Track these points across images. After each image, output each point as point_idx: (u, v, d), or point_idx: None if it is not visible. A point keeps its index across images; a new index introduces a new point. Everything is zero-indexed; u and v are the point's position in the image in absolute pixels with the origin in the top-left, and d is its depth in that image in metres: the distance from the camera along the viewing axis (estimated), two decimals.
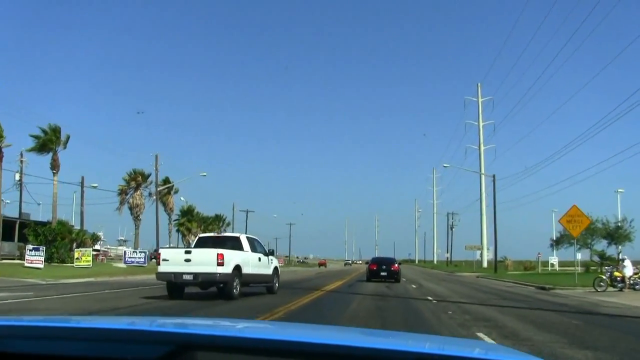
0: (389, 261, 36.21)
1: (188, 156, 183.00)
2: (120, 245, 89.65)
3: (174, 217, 73.08)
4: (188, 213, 73.64)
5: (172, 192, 72.39)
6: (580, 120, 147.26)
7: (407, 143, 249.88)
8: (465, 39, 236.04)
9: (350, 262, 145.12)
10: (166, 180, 71.93)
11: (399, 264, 37.25)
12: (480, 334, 10.09)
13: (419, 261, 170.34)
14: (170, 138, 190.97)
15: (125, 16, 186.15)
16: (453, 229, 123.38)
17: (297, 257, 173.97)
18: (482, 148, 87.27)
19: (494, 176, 53.04)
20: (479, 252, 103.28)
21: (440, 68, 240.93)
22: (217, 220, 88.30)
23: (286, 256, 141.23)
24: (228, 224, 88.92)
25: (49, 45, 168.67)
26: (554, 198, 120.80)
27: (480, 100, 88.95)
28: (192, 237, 74.09)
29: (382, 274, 33.47)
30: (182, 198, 78.88)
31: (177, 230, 72.87)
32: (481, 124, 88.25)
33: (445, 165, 64.68)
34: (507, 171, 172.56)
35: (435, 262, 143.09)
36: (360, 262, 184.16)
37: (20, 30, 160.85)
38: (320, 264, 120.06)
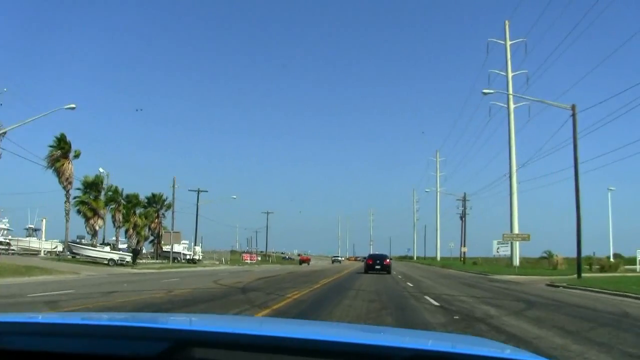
0: (382, 257, 46.09)
1: (187, 155, 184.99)
2: (29, 235, 65.75)
3: (75, 192, 50.05)
4: (94, 186, 50.44)
5: (70, 157, 49.34)
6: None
7: (405, 139, 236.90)
8: (463, 39, 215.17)
9: (339, 258, 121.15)
10: (61, 139, 49.07)
11: (390, 259, 47.88)
12: None
13: (417, 257, 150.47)
14: (170, 138, 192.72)
15: (124, 16, 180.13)
16: (465, 217, 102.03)
17: (282, 253, 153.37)
18: (512, 106, 64.95)
19: (573, 107, 30.22)
20: (497, 245, 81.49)
21: (440, 67, 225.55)
22: (155, 201, 65.19)
23: (260, 252, 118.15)
24: (168, 207, 65.83)
25: (49, 45, 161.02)
26: (591, 176, 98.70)
27: (508, 43, 66.32)
28: (100, 221, 50.97)
29: (377, 267, 42.43)
30: (100, 170, 55.88)
31: (78, 212, 49.74)
32: (510, 74, 65.69)
33: (485, 91, 41.63)
34: (543, 138, 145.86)
35: (438, 258, 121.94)
36: (350, 258, 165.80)
37: (20, 30, 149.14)
38: (302, 261, 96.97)
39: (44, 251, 53.88)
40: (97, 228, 49.89)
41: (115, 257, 46.45)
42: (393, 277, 35.15)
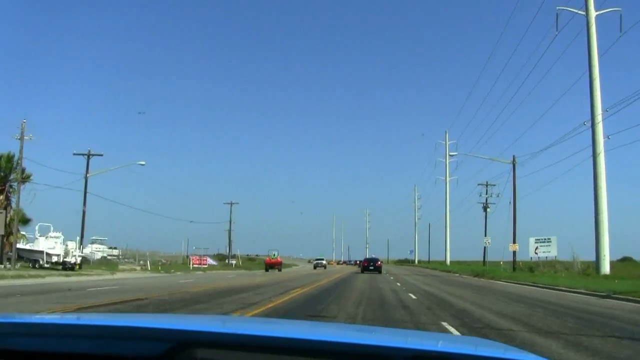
0: (375, 260, 57.76)
1: (187, 159, 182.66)
2: None
3: None
4: None
5: None
6: None
7: (404, 135, 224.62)
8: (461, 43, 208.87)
9: (323, 262, 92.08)
10: None
11: (381, 262, 58.87)
12: None
13: (419, 261, 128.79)
14: (170, 140, 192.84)
15: (124, 19, 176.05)
16: (488, 209, 76.83)
17: (257, 255, 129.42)
18: (593, 13, 39.54)
19: None
20: (534, 244, 56.34)
21: (439, 70, 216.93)
22: None
23: (210, 254, 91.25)
24: (26, 178, 39.37)
25: (50, 48, 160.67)
26: None
27: None
28: None
29: (371, 268, 53.16)
30: None
31: None
32: None
33: None
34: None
35: (448, 262, 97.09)
36: (332, 262, 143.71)
37: (20, 34, 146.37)
38: (269, 265, 67.48)
39: None
40: None
41: None
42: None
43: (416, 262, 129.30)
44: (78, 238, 41.76)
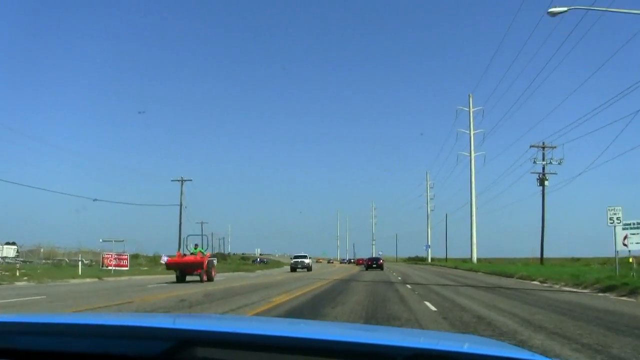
0: (377, 259, 68.11)
1: (188, 159, 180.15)
2: None
3: None
4: None
5: None
6: None
7: (405, 138, 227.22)
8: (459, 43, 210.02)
9: (306, 261, 59.63)
10: None
11: (383, 260, 69.40)
12: None
13: (432, 259, 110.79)
14: (170, 140, 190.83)
15: (123, 20, 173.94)
16: (547, 181, 53.64)
17: (242, 254, 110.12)
18: None
19: None
20: (622, 231, 32.26)
21: (437, 70, 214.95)
22: None
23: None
24: None
25: (50, 49, 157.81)
26: None
27: None
28: None
29: (374, 266, 61.82)
30: None
31: None
32: None
33: None
34: None
35: (474, 259, 71.64)
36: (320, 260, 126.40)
37: (20, 35, 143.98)
38: (180, 267, 30.79)
39: None
40: None
41: None
42: None
43: (429, 260, 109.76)
44: None
